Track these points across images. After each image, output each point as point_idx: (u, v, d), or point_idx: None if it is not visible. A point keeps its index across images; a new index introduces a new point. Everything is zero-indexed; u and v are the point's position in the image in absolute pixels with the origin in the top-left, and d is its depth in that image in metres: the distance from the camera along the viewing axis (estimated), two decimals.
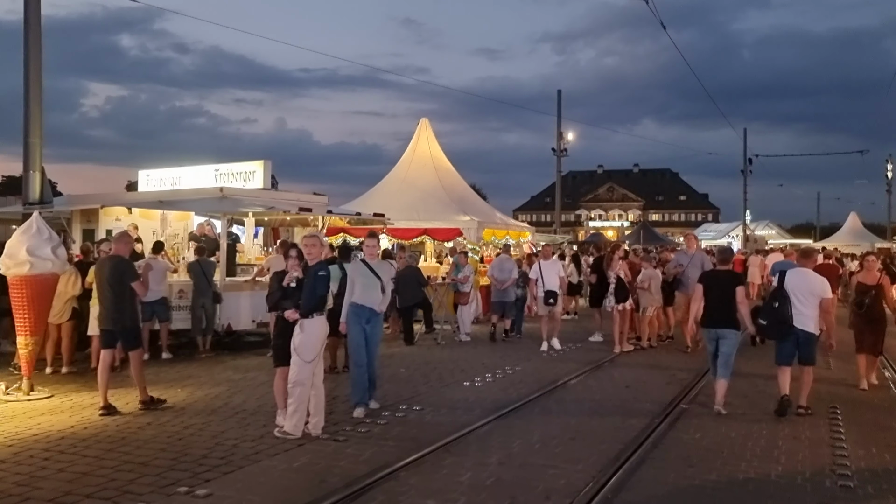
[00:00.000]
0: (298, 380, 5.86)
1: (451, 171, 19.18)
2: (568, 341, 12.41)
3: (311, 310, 5.96)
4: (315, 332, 5.94)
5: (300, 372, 5.87)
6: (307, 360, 5.85)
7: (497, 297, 14.17)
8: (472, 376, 9.11)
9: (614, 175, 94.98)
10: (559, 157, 38.32)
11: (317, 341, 5.96)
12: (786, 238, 52.36)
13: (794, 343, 6.96)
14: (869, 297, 8.25)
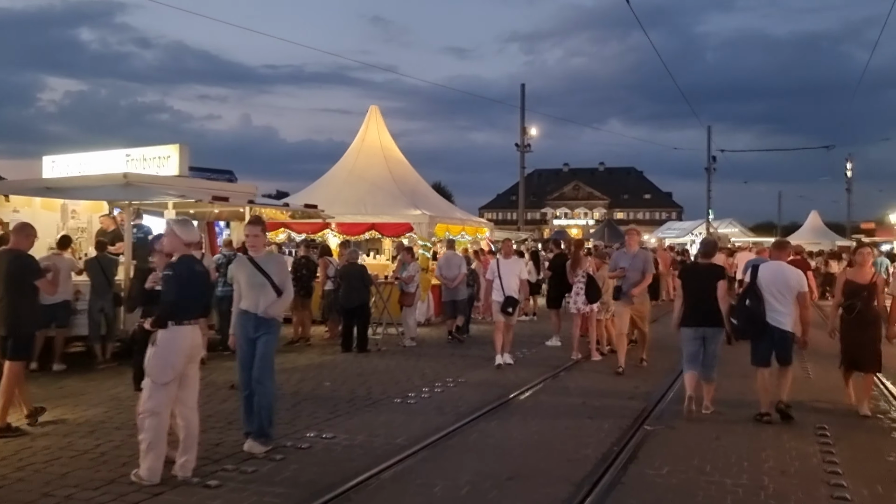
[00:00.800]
0: (150, 408, 4.52)
1: (403, 162, 17.86)
2: (522, 346, 11.23)
3: (165, 317, 4.63)
4: (170, 347, 4.60)
5: (152, 397, 4.53)
6: (161, 382, 4.52)
7: (447, 297, 12.99)
8: (406, 391, 7.85)
9: (580, 173, 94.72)
10: (522, 152, 37.32)
11: (173, 357, 4.62)
12: (748, 236, 52.48)
13: (769, 342, 6.45)
14: (861, 299, 6.74)
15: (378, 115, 18.09)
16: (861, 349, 6.81)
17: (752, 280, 6.54)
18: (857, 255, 7.26)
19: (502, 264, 9.59)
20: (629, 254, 9.33)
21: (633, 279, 9.08)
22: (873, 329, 6.82)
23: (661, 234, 50.40)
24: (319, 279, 12.92)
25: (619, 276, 9.24)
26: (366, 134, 17.78)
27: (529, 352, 10.99)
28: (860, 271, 7.01)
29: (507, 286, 9.33)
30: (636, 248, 9.46)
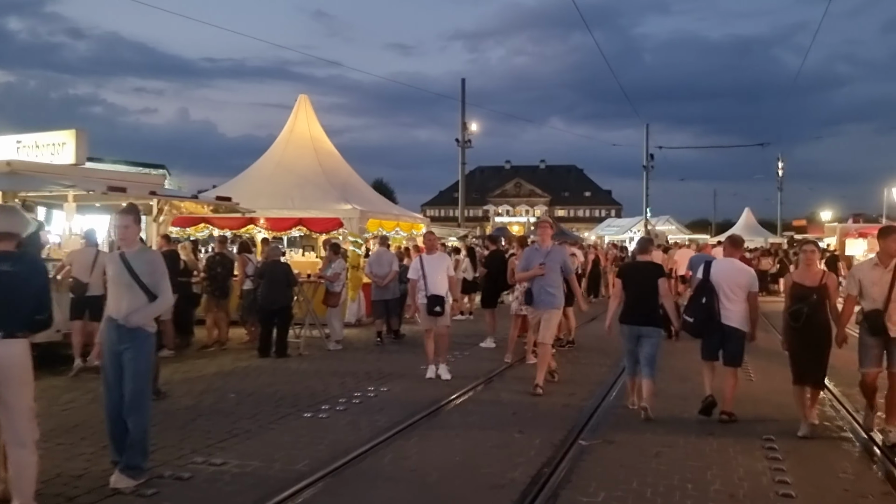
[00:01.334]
0: None
1: (334, 154, 16.93)
2: (455, 348, 10.55)
3: (14, 326, 3.73)
4: (8, 364, 3.68)
5: None
6: None
7: (377, 296, 12.21)
8: (321, 402, 7.05)
9: (521, 171, 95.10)
10: (463, 148, 36.77)
11: (12, 374, 3.70)
12: (684, 233, 53.30)
13: (719, 339, 6.41)
14: (808, 304, 5.83)
15: (308, 104, 17.11)
16: (810, 361, 5.92)
17: (706, 277, 6.43)
18: (802, 254, 6.41)
19: (426, 261, 8.48)
20: (542, 250, 7.97)
21: (551, 281, 7.81)
22: (823, 338, 5.90)
23: (601, 231, 50.79)
24: (238, 278, 11.97)
25: (534, 276, 7.80)
26: (294, 125, 16.77)
27: (462, 354, 10.31)
28: (807, 272, 6.13)
29: (433, 284, 8.31)
30: (549, 244, 8.17)
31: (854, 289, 5.85)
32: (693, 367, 8.69)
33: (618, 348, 11.22)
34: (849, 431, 6.29)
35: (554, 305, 7.87)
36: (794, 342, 6.04)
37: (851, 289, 5.90)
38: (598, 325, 14.02)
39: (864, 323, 5.76)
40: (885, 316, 5.57)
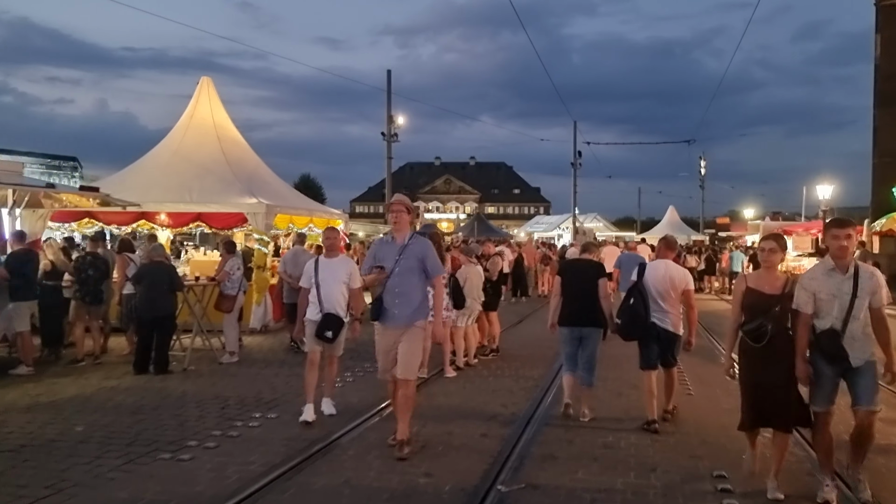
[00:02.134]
0: None
1: (240, 142, 15.41)
2: (364, 359, 9.40)
3: None
4: None
5: None
6: None
7: (291, 298, 10.96)
8: (187, 438, 5.75)
9: (451, 167, 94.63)
10: (389, 141, 35.56)
11: None
12: (612, 230, 53.94)
13: (656, 345, 6.16)
14: (771, 318, 4.44)
15: (211, 87, 15.52)
16: (775, 397, 4.45)
17: (639, 279, 6.20)
18: (760, 253, 4.74)
19: (323, 266, 6.43)
20: (397, 243, 5.48)
21: (409, 286, 5.44)
22: (791, 365, 4.41)
23: (530, 228, 50.64)
24: (118, 281, 10.42)
25: (377, 281, 5.52)
26: (195, 110, 15.15)
27: (373, 367, 9.14)
28: (767, 276, 4.64)
29: (328, 298, 6.30)
30: (406, 234, 5.54)
31: (808, 305, 4.36)
32: (626, 379, 7.93)
33: (546, 356, 10.42)
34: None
35: (413, 322, 5.41)
36: (750, 371, 4.53)
37: (804, 305, 4.38)
38: (525, 329, 13.27)
39: (817, 347, 4.38)
40: (842, 338, 4.27)
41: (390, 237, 5.64)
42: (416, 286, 5.47)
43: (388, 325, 5.44)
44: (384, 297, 5.42)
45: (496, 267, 9.82)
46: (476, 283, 9.00)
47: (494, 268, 9.83)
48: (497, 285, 9.91)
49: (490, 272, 9.79)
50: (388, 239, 5.66)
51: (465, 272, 8.84)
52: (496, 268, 9.82)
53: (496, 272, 9.84)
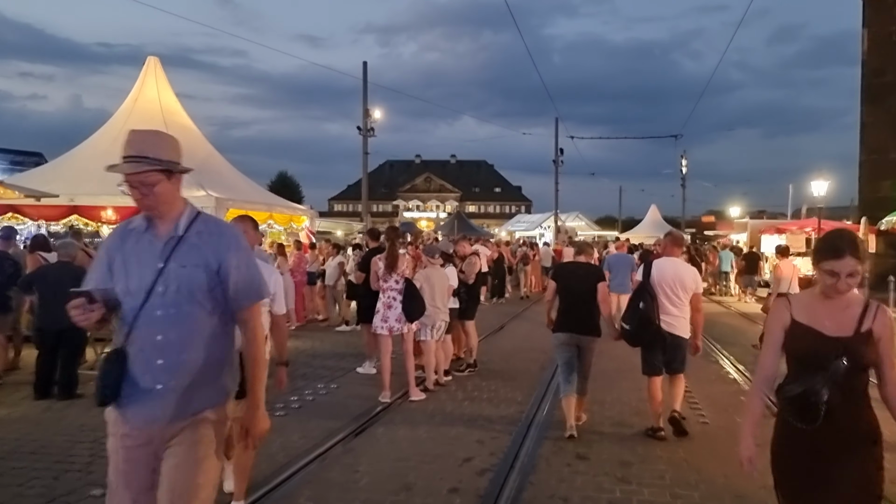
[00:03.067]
0: None
1: (191, 129, 13.93)
2: (323, 377, 8.04)
3: None
4: None
5: None
6: None
7: None
8: (54, 497, 4.32)
9: (431, 165, 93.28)
10: (365, 136, 34.13)
11: None
12: (594, 229, 53.15)
13: (661, 349, 5.74)
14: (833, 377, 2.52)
15: (158, 68, 14.02)
16: None
17: (646, 279, 5.75)
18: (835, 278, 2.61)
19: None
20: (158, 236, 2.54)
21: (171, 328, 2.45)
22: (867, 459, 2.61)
23: (511, 227, 49.56)
24: None
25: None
26: (140, 93, 13.65)
27: (327, 387, 7.74)
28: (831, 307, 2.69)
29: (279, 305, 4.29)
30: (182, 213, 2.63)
31: None
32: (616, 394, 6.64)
33: (531, 371, 9.09)
34: None
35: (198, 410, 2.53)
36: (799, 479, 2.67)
37: None
38: (507, 336, 11.92)
39: None
40: None
41: (143, 224, 2.58)
42: (202, 329, 2.51)
43: (135, 421, 2.45)
44: (129, 355, 2.45)
45: (473, 269, 8.45)
46: (440, 287, 7.62)
47: (471, 270, 8.46)
48: (474, 289, 8.54)
49: (466, 274, 8.44)
50: (140, 227, 2.59)
51: (425, 276, 7.46)
52: (473, 270, 8.46)
53: (473, 274, 8.48)
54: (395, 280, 6.89)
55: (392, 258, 6.87)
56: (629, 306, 5.84)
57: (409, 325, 6.92)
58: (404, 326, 6.89)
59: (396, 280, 6.89)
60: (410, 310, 6.80)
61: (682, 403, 6.14)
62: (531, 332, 12.80)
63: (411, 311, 6.81)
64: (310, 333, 12.15)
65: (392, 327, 6.86)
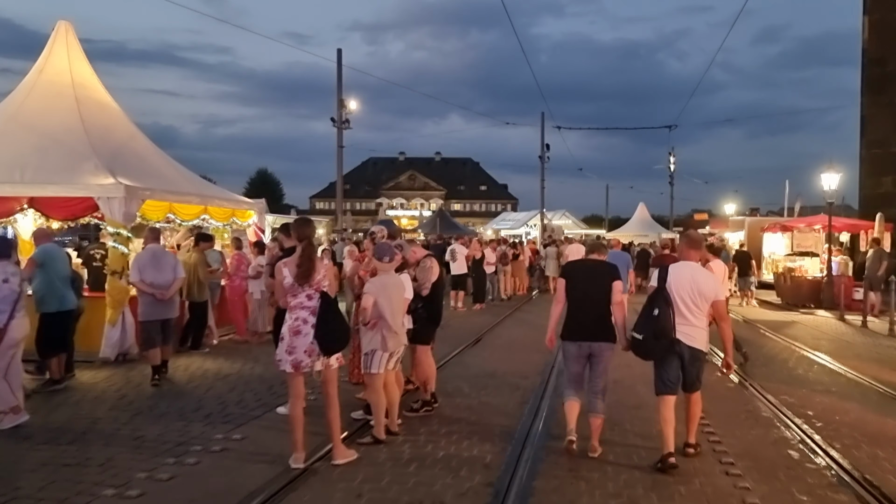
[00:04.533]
0: None
1: (109, 106, 11.69)
2: (228, 418, 5.98)
3: None
4: None
5: None
6: None
7: (151, 314, 7.85)
8: None
9: (416, 163, 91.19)
10: (340, 128, 32.15)
11: None
12: (581, 227, 51.79)
13: (678, 364, 5.05)
14: None
15: (70, 34, 11.80)
16: None
17: (661, 284, 5.06)
18: None
19: None
20: None
21: None
22: None
23: (496, 225, 47.91)
24: None
25: None
26: (48, 63, 11.44)
27: (227, 439, 5.66)
28: None
29: None
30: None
31: None
32: None
33: (507, 407, 7.03)
34: None
35: None
36: None
37: None
38: (482, 354, 9.66)
39: None
40: None
41: None
42: None
43: None
44: None
45: (428, 275, 6.39)
46: (398, 300, 5.58)
47: (426, 277, 6.40)
48: (432, 304, 6.48)
49: (419, 283, 6.39)
50: None
51: (380, 285, 5.41)
52: (428, 276, 6.39)
53: (428, 283, 6.41)
54: (308, 295, 4.81)
55: (304, 264, 4.78)
56: (642, 314, 5.12)
57: (325, 360, 4.84)
58: (318, 361, 4.80)
59: (309, 295, 4.81)
60: (328, 337, 4.73)
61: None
62: (514, 347, 10.80)
63: (329, 338, 4.74)
64: (246, 352, 10.07)
65: (300, 362, 4.77)
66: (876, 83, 24.18)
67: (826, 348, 10.89)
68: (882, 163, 23.85)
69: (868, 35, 24.68)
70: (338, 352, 4.89)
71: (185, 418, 6.29)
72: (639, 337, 5.07)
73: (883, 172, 23.89)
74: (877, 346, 11.50)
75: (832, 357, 9.96)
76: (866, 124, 24.42)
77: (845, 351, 10.77)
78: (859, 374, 8.68)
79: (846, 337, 12.56)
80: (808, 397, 7.48)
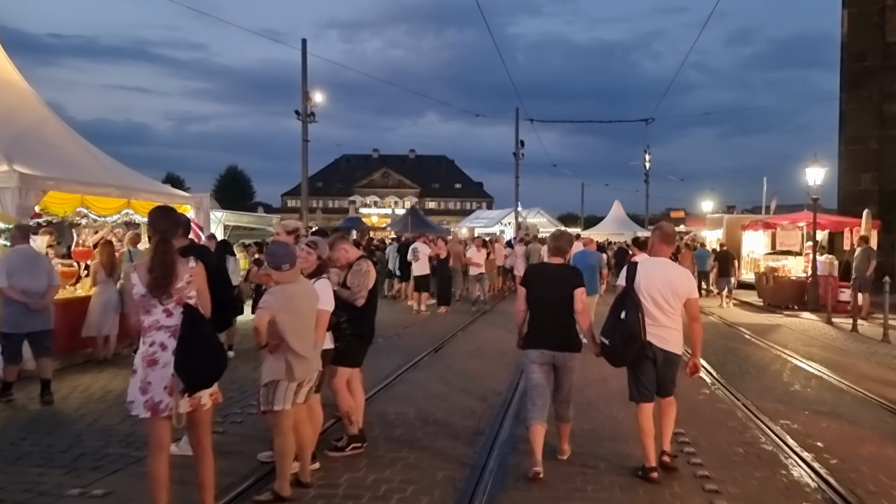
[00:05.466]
0: None
1: (16, 85, 10.18)
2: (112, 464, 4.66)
3: None
4: None
5: None
6: None
7: (15, 325, 6.44)
8: None
9: (390, 160, 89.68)
10: (305, 122, 30.77)
11: None
12: (556, 225, 50.92)
13: (652, 368, 4.74)
14: None
15: None
16: None
17: (629, 283, 4.73)
18: None
19: None
20: None
21: None
22: None
23: (471, 223, 46.79)
24: None
25: None
26: None
27: (84, 498, 4.36)
28: None
29: None
30: None
31: None
32: None
33: (457, 451, 5.82)
34: None
35: None
36: None
37: None
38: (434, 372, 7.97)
39: None
40: None
41: None
42: None
43: None
44: None
45: (364, 281, 5.13)
46: (308, 316, 4.32)
47: (360, 283, 5.14)
48: (362, 316, 5.21)
49: (353, 291, 5.14)
50: None
51: (284, 297, 4.14)
52: (364, 283, 5.13)
53: (363, 290, 5.16)
54: (167, 311, 3.53)
55: (158, 269, 3.50)
56: (609, 317, 4.83)
57: (192, 400, 3.56)
58: (183, 401, 3.52)
59: (168, 311, 3.53)
60: (192, 367, 3.45)
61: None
62: (476, 358, 9.59)
63: (194, 369, 3.47)
64: None
65: (158, 404, 3.48)
66: (855, 78, 23.51)
67: (820, 357, 9.83)
68: (861, 159, 23.16)
69: (847, 29, 23.99)
70: (208, 386, 3.61)
71: (48, 462, 4.98)
72: (607, 342, 4.78)
73: (862, 169, 23.19)
74: (873, 353, 10.49)
75: (830, 369, 8.89)
76: (845, 120, 23.73)
77: (841, 360, 9.74)
78: (866, 391, 7.60)
79: (838, 343, 11.55)
80: (813, 423, 6.36)
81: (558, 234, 5.38)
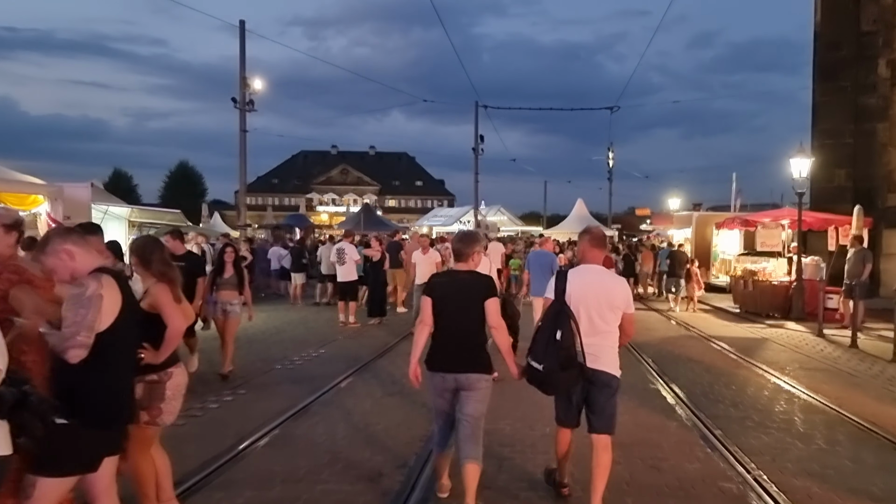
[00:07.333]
0: None
1: None
2: None
3: None
4: None
5: None
6: None
7: None
8: None
9: (349, 157, 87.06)
10: (243, 109, 28.32)
11: None
12: (517, 224, 49.31)
13: (581, 392, 4.20)
14: None
15: None
16: None
17: (559, 296, 4.19)
18: None
19: None
20: None
21: None
22: None
23: (429, 221, 44.61)
24: None
25: None
26: None
27: None
28: None
29: None
30: None
31: None
32: None
33: None
34: None
35: None
36: None
37: None
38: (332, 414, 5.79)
39: None
40: None
41: None
42: None
43: None
44: None
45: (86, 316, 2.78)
46: None
47: (77, 320, 2.78)
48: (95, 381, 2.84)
49: (63, 335, 2.74)
50: None
51: None
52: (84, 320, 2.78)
53: (84, 334, 2.79)
54: None
55: None
56: (539, 337, 4.17)
57: None
58: None
59: None
60: None
61: None
62: (396, 389, 7.26)
63: None
64: None
65: None
66: (828, 69, 21.82)
67: (835, 394, 7.57)
68: (835, 154, 21.48)
69: (821, 18, 22.31)
70: None
71: None
72: (539, 368, 4.09)
73: (836, 164, 21.51)
74: (890, 380, 8.47)
75: (857, 415, 6.66)
76: (818, 114, 22.05)
77: (863, 395, 7.63)
78: None
79: (846, 366, 9.45)
80: None
81: (463, 235, 4.45)
